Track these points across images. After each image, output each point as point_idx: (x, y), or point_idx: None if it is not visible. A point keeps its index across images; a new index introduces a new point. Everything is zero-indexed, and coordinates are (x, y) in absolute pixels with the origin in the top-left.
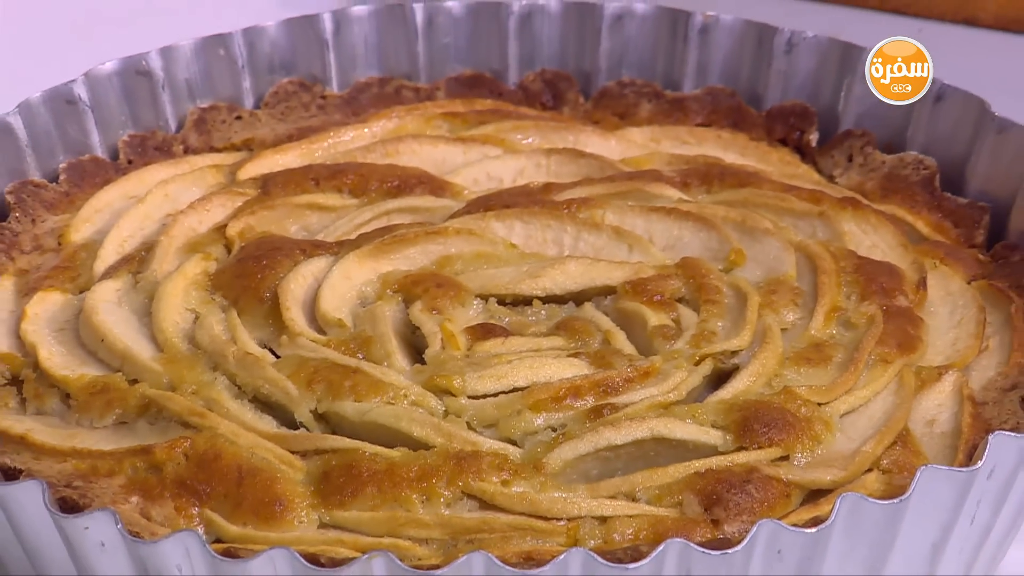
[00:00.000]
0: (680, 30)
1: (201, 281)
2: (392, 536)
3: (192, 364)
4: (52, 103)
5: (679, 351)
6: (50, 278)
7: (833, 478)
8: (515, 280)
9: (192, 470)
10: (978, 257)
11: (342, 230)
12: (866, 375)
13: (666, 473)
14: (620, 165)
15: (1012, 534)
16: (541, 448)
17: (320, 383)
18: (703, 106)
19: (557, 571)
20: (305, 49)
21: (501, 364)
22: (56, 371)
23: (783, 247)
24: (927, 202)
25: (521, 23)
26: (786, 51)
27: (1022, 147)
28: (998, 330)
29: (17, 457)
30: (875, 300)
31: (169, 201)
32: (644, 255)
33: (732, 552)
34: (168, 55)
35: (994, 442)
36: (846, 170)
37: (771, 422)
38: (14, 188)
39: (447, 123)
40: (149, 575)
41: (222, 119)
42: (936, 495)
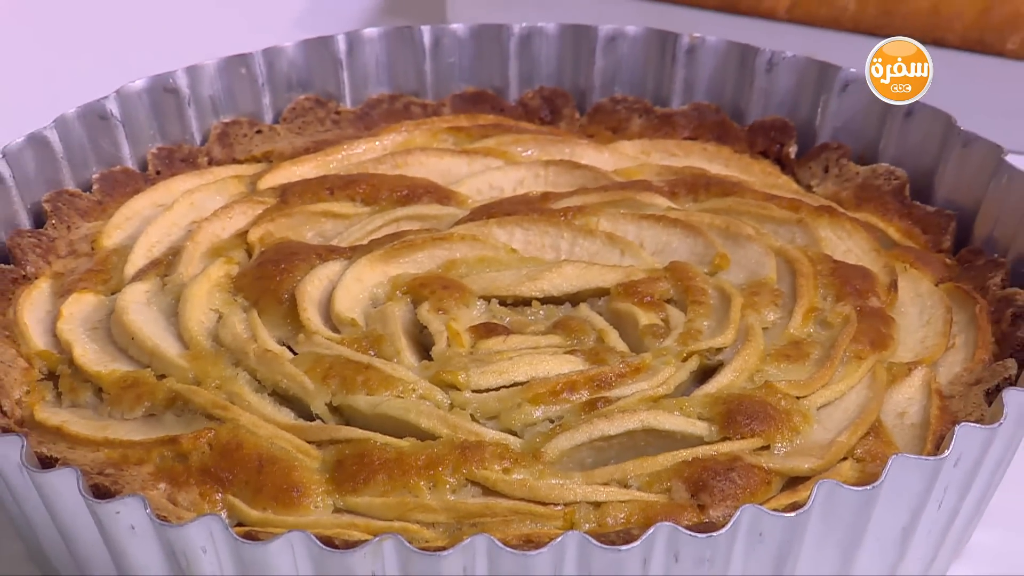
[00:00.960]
0: (668, 50)
1: (224, 283)
2: (401, 520)
3: (216, 360)
4: (86, 118)
5: (668, 348)
6: (84, 280)
7: (811, 466)
8: (515, 282)
9: (216, 459)
10: (945, 261)
11: (355, 236)
12: (841, 371)
13: (656, 462)
14: (613, 176)
15: (976, 518)
16: (540, 438)
17: (334, 378)
18: (690, 121)
19: (555, 553)
20: (321, 68)
21: (502, 360)
22: (90, 367)
23: (764, 252)
24: (898, 210)
25: (521, 44)
26: (767, 70)
27: (986, 159)
28: (963, 329)
29: (53, 447)
30: (849, 301)
31: (194, 209)
32: (635, 259)
33: (717, 535)
34: (193, 73)
35: (960, 433)
36: (823, 180)
37: (753, 414)
38: (50, 197)
39: (452, 137)
40: (176, 556)
41: (244, 133)
42: (906, 482)
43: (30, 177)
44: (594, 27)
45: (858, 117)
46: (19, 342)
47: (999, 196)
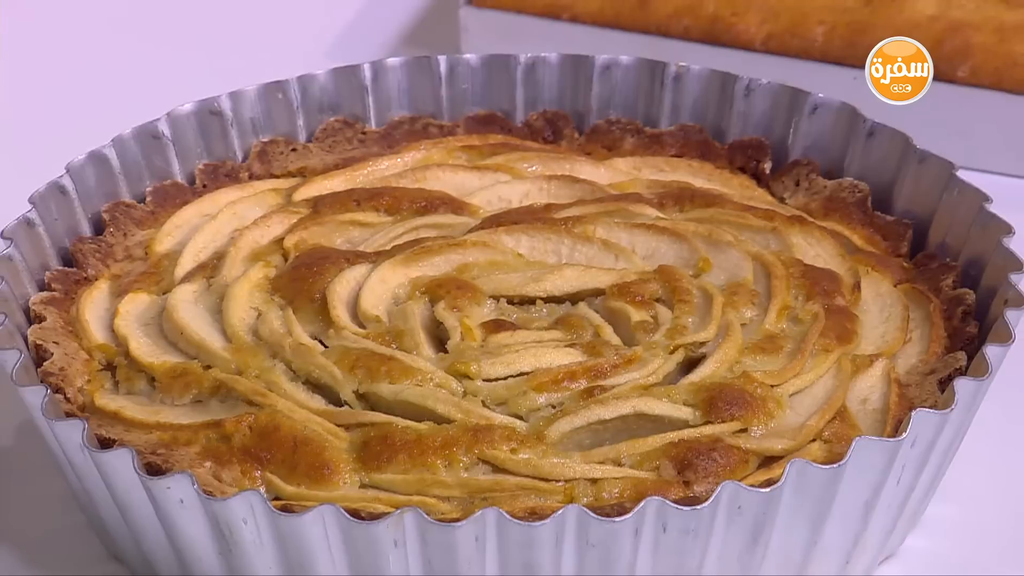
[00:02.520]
0: (657, 77)
1: (263, 284)
2: (420, 495)
3: (255, 353)
4: (140, 138)
5: (657, 342)
6: (138, 282)
7: (783, 447)
8: (521, 284)
9: (255, 440)
10: (903, 265)
11: (379, 242)
12: (811, 362)
13: (646, 443)
14: (608, 189)
15: (930, 493)
16: (543, 422)
17: (361, 368)
18: (676, 140)
19: (556, 524)
20: (349, 93)
21: (510, 353)
22: (144, 358)
23: (742, 256)
24: (861, 219)
25: (526, 72)
26: (745, 95)
27: (939, 174)
28: (919, 325)
29: (111, 429)
30: (818, 300)
31: (236, 218)
32: (628, 263)
33: (701, 508)
34: (236, 98)
35: (916, 417)
36: (794, 193)
37: (733, 401)
38: (109, 208)
39: (466, 154)
40: (220, 527)
41: (280, 151)
42: (868, 461)
43: (91, 190)
44: (591, 57)
45: (825, 137)
46: (81, 336)
47: (951, 207)
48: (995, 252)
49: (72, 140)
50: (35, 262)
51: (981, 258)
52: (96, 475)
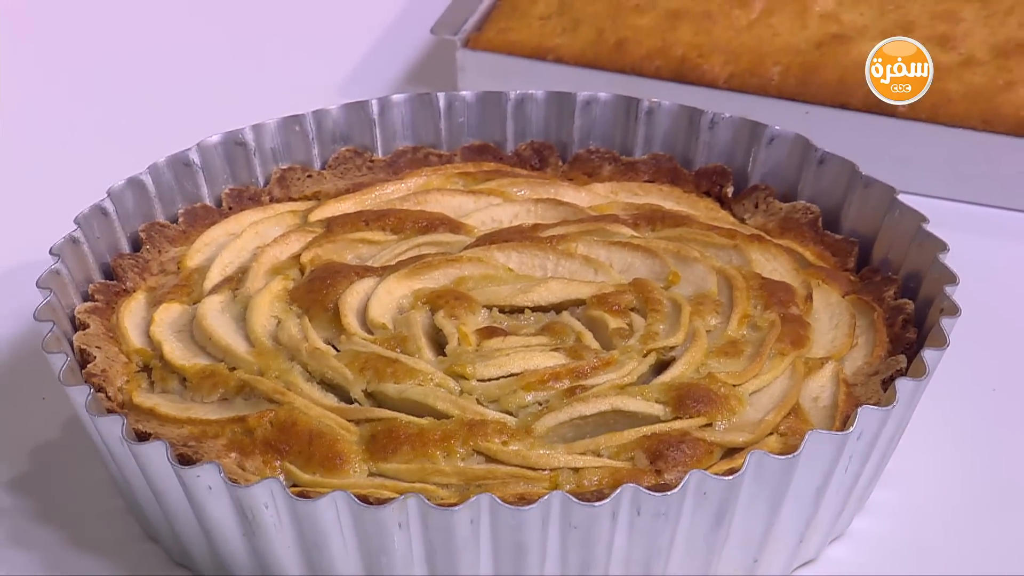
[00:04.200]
0: (632, 112)
1: (282, 295)
2: (422, 482)
3: (275, 356)
4: (173, 165)
5: (631, 347)
6: (171, 293)
7: (744, 439)
8: (512, 295)
9: (275, 434)
10: (850, 278)
11: (385, 258)
12: (768, 364)
13: (622, 436)
14: (588, 211)
15: (874, 480)
16: (531, 418)
17: (369, 370)
18: (649, 168)
19: (542, 508)
20: (358, 126)
21: (501, 356)
22: (176, 361)
23: (707, 270)
24: (813, 238)
25: (516, 107)
26: (709, 127)
27: (882, 198)
28: (864, 331)
29: (147, 424)
30: (775, 309)
31: (259, 237)
32: (606, 277)
33: (671, 494)
34: (258, 130)
35: (862, 413)
36: (753, 214)
37: (699, 398)
38: (145, 228)
39: (462, 180)
40: (244, 510)
41: (297, 177)
42: (819, 452)
43: (129, 211)
44: (573, 94)
45: (781, 164)
46: (121, 342)
47: (892, 226)
48: (932, 267)
49: (113, 167)
50: (80, 276)
51: (919, 272)
52: (134, 465)
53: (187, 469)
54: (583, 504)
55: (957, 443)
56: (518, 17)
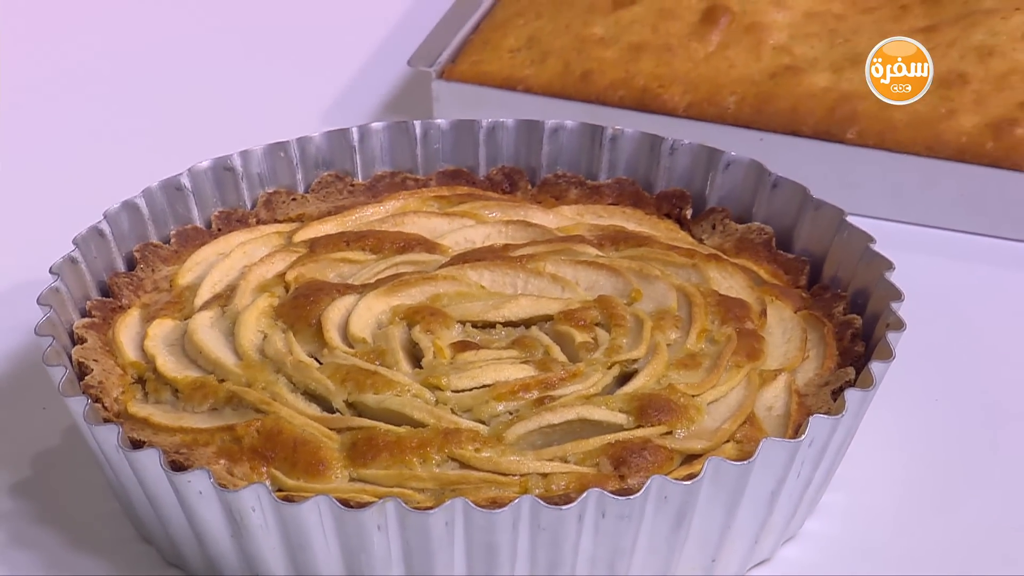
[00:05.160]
0: (597, 139)
1: (268, 312)
2: (399, 487)
3: (262, 368)
4: (166, 189)
5: (596, 359)
6: (164, 310)
7: (703, 446)
8: (484, 311)
9: (262, 441)
10: (802, 295)
11: (365, 276)
12: (725, 376)
13: (588, 443)
14: (556, 232)
15: (825, 485)
16: (502, 426)
17: (350, 381)
18: (613, 191)
19: (513, 511)
20: (340, 152)
21: (474, 368)
22: (169, 373)
23: (668, 288)
24: (767, 257)
25: (488, 134)
26: (670, 153)
27: (831, 219)
28: (815, 345)
29: (142, 432)
30: (731, 324)
31: (246, 256)
32: (572, 294)
33: (633, 498)
34: (246, 156)
35: (813, 422)
36: (711, 235)
37: (660, 408)
38: (140, 248)
39: (437, 203)
40: (232, 513)
41: (283, 200)
42: (773, 458)
43: (125, 233)
44: (542, 122)
45: (737, 188)
46: (116, 355)
47: (841, 246)
48: (878, 284)
49: (108, 191)
50: (78, 293)
51: (866, 289)
52: (129, 471)
53: (179, 475)
54: (551, 507)
55: (902, 450)
56: (490, 50)
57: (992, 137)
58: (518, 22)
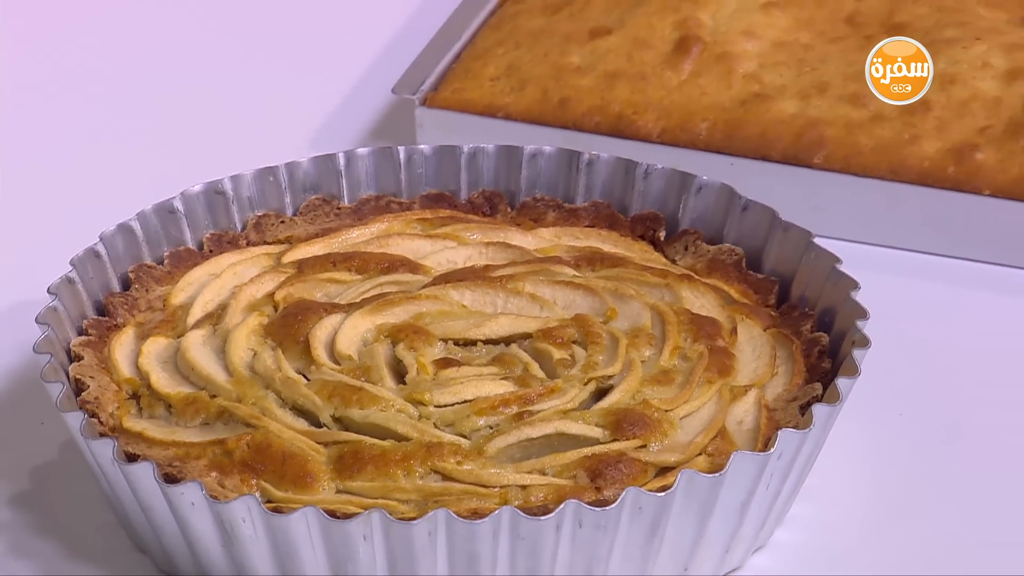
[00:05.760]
0: (574, 164)
1: (258, 330)
2: (384, 498)
3: (252, 385)
4: (159, 212)
5: (574, 376)
6: (158, 328)
7: (676, 459)
8: (465, 329)
9: (252, 455)
10: (771, 314)
11: (351, 296)
12: (697, 391)
13: (566, 456)
14: (534, 253)
15: (793, 496)
16: (483, 440)
17: (336, 397)
18: (589, 214)
19: (493, 522)
20: (327, 176)
21: (456, 384)
22: (162, 389)
23: (642, 307)
24: (737, 277)
25: (469, 159)
26: (644, 177)
27: (799, 241)
28: (784, 362)
29: (136, 446)
30: (703, 342)
31: (236, 277)
32: (551, 313)
33: (609, 509)
34: (236, 180)
35: (782, 436)
36: (683, 256)
37: (635, 422)
38: (134, 269)
39: (420, 225)
40: (223, 524)
41: (272, 223)
42: (743, 470)
43: (120, 254)
44: (521, 147)
45: (708, 211)
46: (112, 372)
47: (809, 267)
48: (844, 303)
49: (104, 214)
50: (75, 312)
51: (833, 308)
52: (124, 483)
53: (172, 487)
54: (530, 518)
55: (867, 462)
56: (471, 78)
57: (953, 162)
58: (498, 51)
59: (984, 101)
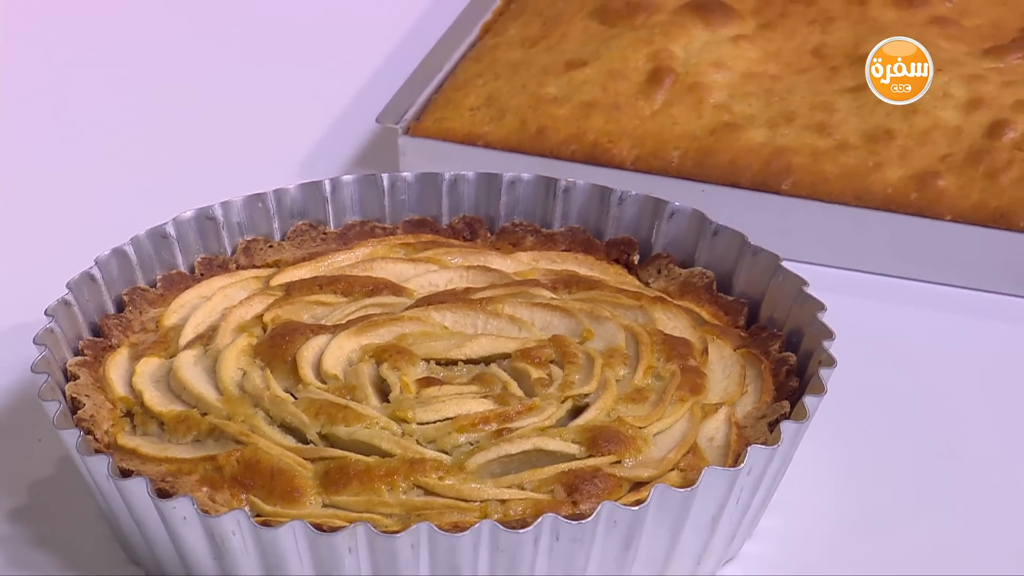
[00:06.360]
0: (551, 190)
1: (247, 350)
2: (369, 512)
3: (241, 403)
4: (152, 237)
5: (551, 394)
6: (151, 349)
7: (649, 475)
8: (447, 349)
9: (242, 470)
10: (740, 334)
11: (336, 318)
12: (670, 409)
13: (543, 472)
14: (513, 276)
15: (762, 510)
16: (463, 456)
17: (323, 415)
18: (566, 239)
19: (474, 535)
20: (313, 202)
21: (438, 403)
22: (155, 407)
23: (617, 328)
24: (708, 299)
25: (450, 186)
26: (618, 203)
27: (768, 264)
28: (753, 380)
29: (130, 462)
30: (675, 361)
31: (227, 299)
32: (529, 333)
33: (585, 522)
34: (226, 206)
35: (751, 451)
36: (656, 279)
37: (610, 439)
38: (128, 291)
39: (403, 249)
40: (214, 537)
41: (260, 247)
42: (714, 485)
43: (115, 277)
44: (500, 174)
45: (680, 236)
46: (107, 391)
47: (777, 289)
48: (811, 324)
49: (99, 239)
50: (71, 333)
51: (800, 329)
52: (119, 498)
53: (165, 501)
54: (509, 531)
55: (834, 477)
56: (452, 108)
57: (916, 188)
58: (478, 82)
59: (945, 130)
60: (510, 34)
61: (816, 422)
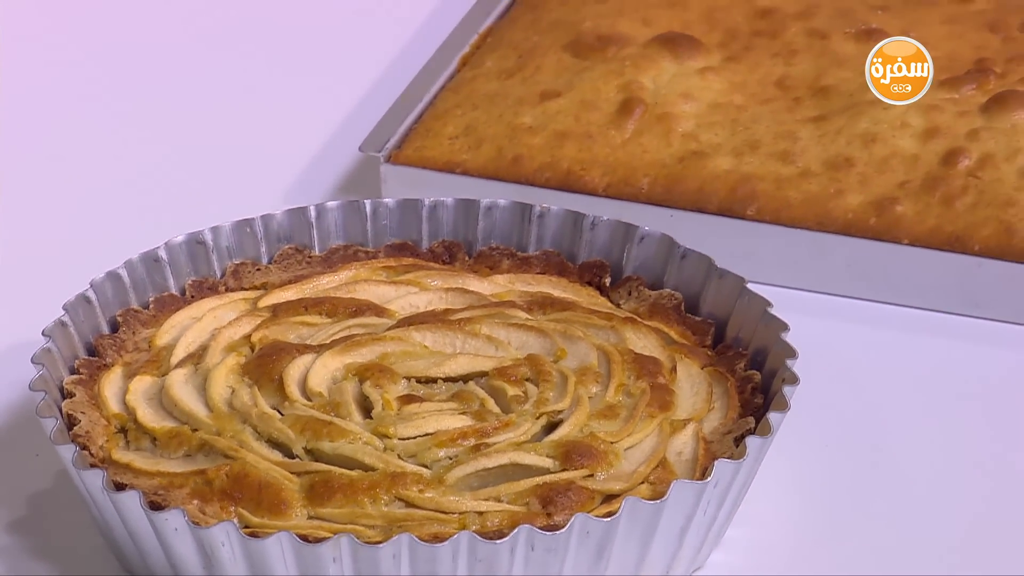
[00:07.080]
0: (526, 216)
1: (236, 369)
2: (352, 524)
3: (230, 419)
4: (145, 261)
5: (526, 411)
6: (144, 368)
7: (620, 487)
8: (427, 368)
9: (231, 484)
10: (708, 353)
11: (321, 338)
12: (640, 425)
13: (519, 485)
14: (490, 298)
15: (728, 521)
16: (443, 470)
17: (308, 430)
18: (540, 262)
19: (453, 545)
20: (299, 227)
21: (418, 419)
22: (147, 424)
23: (589, 347)
24: (677, 320)
25: (430, 212)
26: (591, 228)
27: (734, 286)
28: (720, 397)
29: (124, 476)
30: (645, 379)
31: (216, 320)
32: (505, 353)
33: (559, 533)
34: (216, 231)
35: (717, 465)
36: (627, 300)
37: (583, 453)
38: (122, 313)
39: (385, 272)
40: (204, 548)
41: (248, 270)
42: (683, 498)
43: (109, 299)
44: (478, 200)
45: (650, 259)
46: (101, 408)
47: (742, 310)
48: (775, 344)
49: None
50: (68, 353)
51: (765, 348)
52: (113, 510)
53: (157, 514)
54: (487, 542)
55: (797, 489)
56: (431, 137)
57: (875, 214)
58: (456, 112)
59: (903, 158)
60: (487, 66)
61: (780, 437)
